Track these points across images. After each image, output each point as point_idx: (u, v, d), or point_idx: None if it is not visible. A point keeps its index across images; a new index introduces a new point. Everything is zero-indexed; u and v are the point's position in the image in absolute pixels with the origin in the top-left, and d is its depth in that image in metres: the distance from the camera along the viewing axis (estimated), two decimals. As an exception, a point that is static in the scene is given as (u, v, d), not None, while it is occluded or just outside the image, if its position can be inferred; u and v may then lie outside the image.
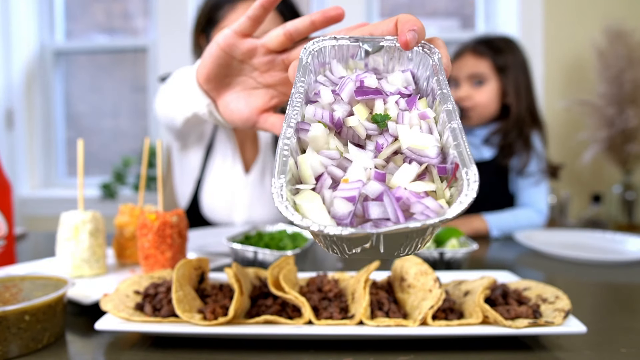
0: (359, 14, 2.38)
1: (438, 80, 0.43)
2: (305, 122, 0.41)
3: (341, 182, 0.36)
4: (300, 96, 0.42)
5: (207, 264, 0.62)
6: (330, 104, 0.43)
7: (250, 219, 1.34)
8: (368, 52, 0.48)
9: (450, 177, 0.37)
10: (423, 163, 0.38)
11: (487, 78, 1.30)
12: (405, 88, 0.45)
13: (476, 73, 1.30)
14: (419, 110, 0.41)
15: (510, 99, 1.29)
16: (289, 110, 0.40)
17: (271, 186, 0.34)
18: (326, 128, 0.41)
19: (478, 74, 1.30)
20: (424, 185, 0.36)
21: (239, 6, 1.17)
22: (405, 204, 0.34)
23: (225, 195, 1.34)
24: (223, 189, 1.35)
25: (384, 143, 0.40)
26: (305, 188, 0.37)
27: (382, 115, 0.41)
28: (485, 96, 1.30)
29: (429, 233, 0.34)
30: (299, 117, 0.41)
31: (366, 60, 0.49)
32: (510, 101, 1.29)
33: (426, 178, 0.38)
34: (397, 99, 0.43)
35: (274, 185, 0.34)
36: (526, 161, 1.27)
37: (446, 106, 0.40)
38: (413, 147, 0.38)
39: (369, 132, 0.41)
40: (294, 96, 0.42)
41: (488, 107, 1.31)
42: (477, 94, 1.30)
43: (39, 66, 2.55)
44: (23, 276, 0.61)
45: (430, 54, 0.46)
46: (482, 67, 1.30)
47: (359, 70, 0.48)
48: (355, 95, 0.42)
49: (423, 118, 0.41)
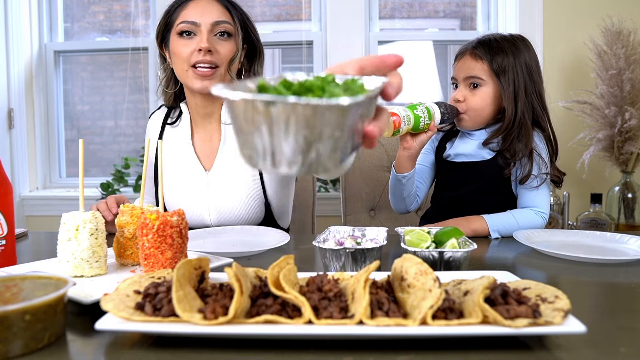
0: (359, 14, 2.38)
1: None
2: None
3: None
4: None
5: (207, 264, 0.62)
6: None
7: (222, 219, 1.29)
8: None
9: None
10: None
11: (483, 81, 1.27)
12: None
13: (471, 76, 1.28)
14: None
15: (505, 102, 1.26)
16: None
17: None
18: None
19: (473, 77, 1.27)
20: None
21: (190, 4, 1.21)
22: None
23: (187, 197, 1.30)
24: (183, 190, 1.31)
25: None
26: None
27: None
28: (478, 100, 1.27)
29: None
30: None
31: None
32: (506, 105, 1.26)
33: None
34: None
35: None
36: (529, 170, 1.23)
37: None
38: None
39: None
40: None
41: (481, 111, 1.28)
42: (471, 97, 1.28)
43: (39, 66, 2.55)
44: (23, 276, 0.61)
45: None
46: (477, 70, 1.27)
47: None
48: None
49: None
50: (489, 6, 2.49)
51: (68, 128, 2.67)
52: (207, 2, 1.22)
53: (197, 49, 1.18)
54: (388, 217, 1.80)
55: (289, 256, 0.62)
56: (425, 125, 1.20)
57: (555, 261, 0.93)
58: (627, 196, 2.06)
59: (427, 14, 2.58)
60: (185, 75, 1.23)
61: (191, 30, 1.20)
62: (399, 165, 1.29)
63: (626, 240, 1.05)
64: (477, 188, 1.30)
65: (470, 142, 1.33)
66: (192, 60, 1.19)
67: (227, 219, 1.29)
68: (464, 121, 1.30)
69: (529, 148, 1.24)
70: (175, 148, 1.35)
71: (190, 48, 1.19)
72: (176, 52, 1.22)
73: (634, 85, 1.94)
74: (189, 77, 1.22)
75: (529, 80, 1.28)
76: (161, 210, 0.78)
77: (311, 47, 2.49)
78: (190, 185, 1.31)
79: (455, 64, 1.34)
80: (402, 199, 1.35)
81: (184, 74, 1.23)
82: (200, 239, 1.13)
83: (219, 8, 1.22)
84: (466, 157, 1.32)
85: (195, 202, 1.30)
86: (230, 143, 1.31)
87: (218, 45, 1.21)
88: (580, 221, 2.03)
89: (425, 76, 2.63)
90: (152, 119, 1.44)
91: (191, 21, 1.19)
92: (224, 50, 1.21)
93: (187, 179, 1.31)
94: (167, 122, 1.38)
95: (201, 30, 1.19)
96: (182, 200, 1.31)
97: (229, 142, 1.31)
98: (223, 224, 1.29)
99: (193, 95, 1.29)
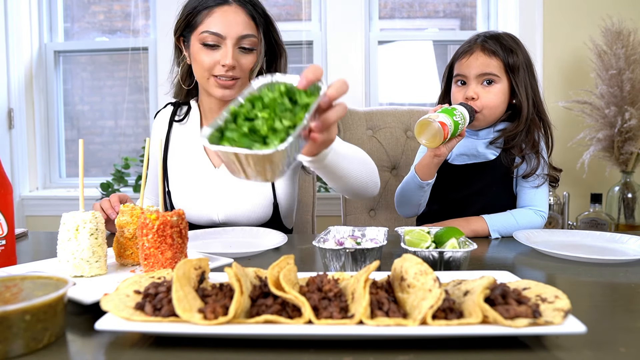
0: (359, 14, 2.38)
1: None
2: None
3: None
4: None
5: (207, 264, 0.62)
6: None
7: (230, 217, 1.29)
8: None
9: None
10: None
11: (498, 77, 1.24)
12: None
13: (486, 72, 1.24)
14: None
15: (520, 99, 1.24)
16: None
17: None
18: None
19: (488, 74, 1.24)
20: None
21: (216, 11, 1.18)
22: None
23: (196, 194, 1.30)
24: (192, 188, 1.31)
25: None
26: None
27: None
28: (494, 97, 1.24)
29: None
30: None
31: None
32: (521, 102, 1.24)
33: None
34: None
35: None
36: (535, 166, 1.22)
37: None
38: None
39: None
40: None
41: (496, 108, 1.25)
42: (485, 94, 1.24)
43: (39, 66, 2.55)
44: (24, 276, 0.61)
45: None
46: (492, 67, 1.24)
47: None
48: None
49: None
50: (489, 6, 2.49)
51: (68, 128, 2.67)
52: (235, 12, 1.18)
53: (221, 63, 1.17)
54: (388, 217, 1.80)
55: (289, 256, 0.62)
56: (461, 130, 1.17)
57: (555, 261, 0.93)
58: (627, 196, 2.06)
59: (427, 14, 2.58)
60: (206, 83, 1.22)
61: (215, 41, 1.18)
62: (425, 173, 1.23)
63: (626, 240, 1.05)
64: (478, 189, 1.29)
65: (473, 142, 1.31)
66: (214, 72, 1.19)
67: (235, 217, 1.29)
68: (478, 120, 1.26)
69: (535, 144, 1.24)
70: (185, 144, 1.34)
71: (213, 59, 1.18)
72: (198, 59, 1.20)
73: (634, 85, 1.94)
74: (209, 85, 1.21)
75: (532, 78, 1.28)
76: (161, 210, 0.78)
77: (311, 47, 2.49)
78: (199, 182, 1.31)
79: (463, 60, 1.28)
80: (417, 205, 1.31)
81: (205, 81, 1.22)
82: (201, 239, 1.13)
83: (245, 19, 1.19)
84: (468, 159, 1.31)
85: (203, 198, 1.29)
86: None
87: (241, 58, 1.20)
88: (580, 221, 2.03)
89: (425, 76, 2.63)
90: (158, 118, 1.43)
91: (217, 33, 1.17)
92: (247, 63, 1.21)
93: (196, 175, 1.31)
94: (175, 120, 1.37)
95: (226, 43, 1.17)
96: (190, 197, 1.30)
97: None
98: (230, 221, 1.29)
99: (209, 98, 1.29)
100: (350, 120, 1.81)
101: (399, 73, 2.58)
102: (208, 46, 1.18)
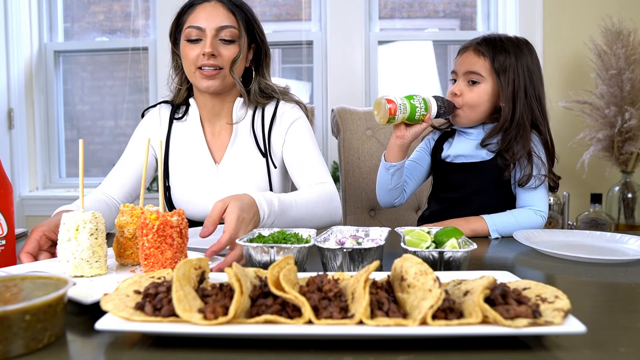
0: (359, 14, 2.38)
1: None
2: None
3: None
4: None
5: (207, 263, 0.62)
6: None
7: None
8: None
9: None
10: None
11: (482, 77, 1.26)
12: None
13: (472, 71, 1.27)
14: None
15: (503, 101, 1.25)
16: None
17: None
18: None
19: (473, 72, 1.27)
20: None
21: (197, 8, 1.27)
22: None
23: (197, 190, 1.34)
24: (193, 183, 1.34)
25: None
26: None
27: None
28: (475, 96, 1.26)
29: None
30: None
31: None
32: (503, 104, 1.25)
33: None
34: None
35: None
36: (529, 172, 1.23)
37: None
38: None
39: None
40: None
41: (476, 107, 1.27)
42: (468, 92, 1.27)
43: (38, 66, 2.55)
44: (23, 276, 0.61)
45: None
46: (478, 66, 1.26)
47: None
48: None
49: None
50: (489, 6, 2.49)
51: (68, 128, 2.67)
52: (213, 7, 1.26)
53: (202, 53, 1.24)
54: (388, 217, 1.80)
55: (289, 256, 0.62)
56: (421, 116, 1.21)
57: (555, 261, 0.93)
58: (627, 196, 2.06)
59: (427, 14, 2.58)
60: (193, 76, 1.29)
61: (198, 35, 1.25)
62: (389, 154, 1.30)
63: (626, 240, 1.05)
64: (476, 189, 1.30)
65: (468, 142, 1.32)
66: (198, 63, 1.26)
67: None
68: (459, 117, 1.29)
69: (527, 149, 1.23)
70: (186, 140, 1.38)
71: (196, 52, 1.26)
72: (184, 55, 1.29)
73: (634, 85, 1.94)
74: (196, 77, 1.28)
75: (530, 84, 1.27)
76: (161, 210, 0.78)
77: (311, 47, 2.49)
78: (200, 177, 1.34)
79: (457, 58, 1.33)
80: (387, 190, 1.35)
81: (192, 75, 1.30)
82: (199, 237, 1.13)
83: (224, 12, 1.27)
84: (465, 158, 1.32)
85: (204, 194, 1.33)
86: (240, 139, 1.35)
87: (222, 49, 1.26)
88: (580, 221, 2.03)
89: (425, 76, 2.63)
90: (148, 116, 1.43)
91: (197, 26, 1.25)
92: (228, 53, 1.27)
93: (198, 171, 1.35)
94: (175, 118, 1.40)
95: (206, 34, 1.24)
96: (191, 192, 1.34)
97: (240, 139, 1.35)
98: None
99: (202, 94, 1.34)
100: (350, 120, 1.81)
101: (399, 73, 2.58)
102: (192, 41, 1.26)
